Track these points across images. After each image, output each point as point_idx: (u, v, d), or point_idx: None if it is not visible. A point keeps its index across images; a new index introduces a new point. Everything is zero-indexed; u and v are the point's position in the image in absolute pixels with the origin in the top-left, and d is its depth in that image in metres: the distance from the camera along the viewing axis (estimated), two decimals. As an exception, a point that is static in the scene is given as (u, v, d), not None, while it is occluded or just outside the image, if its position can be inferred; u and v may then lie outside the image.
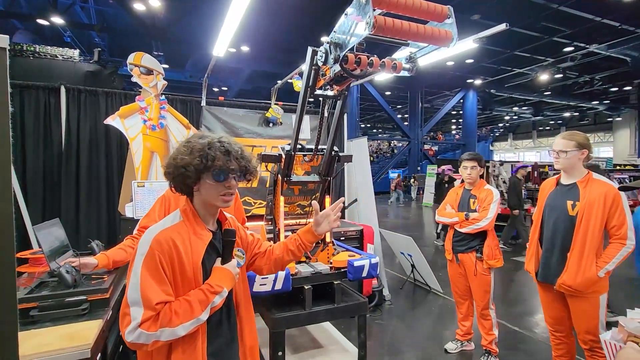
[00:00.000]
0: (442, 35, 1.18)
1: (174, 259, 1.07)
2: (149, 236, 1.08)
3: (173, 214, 1.19)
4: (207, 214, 1.24)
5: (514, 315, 3.79)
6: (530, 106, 23.82)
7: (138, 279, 1.01)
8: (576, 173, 2.13)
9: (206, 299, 1.09)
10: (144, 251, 1.04)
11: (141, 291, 1.00)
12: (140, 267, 1.02)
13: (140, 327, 0.97)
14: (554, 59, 14.25)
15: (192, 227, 1.16)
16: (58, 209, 3.14)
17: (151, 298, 1.00)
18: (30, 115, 3.10)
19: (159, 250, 1.05)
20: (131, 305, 0.99)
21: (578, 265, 2.01)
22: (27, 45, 8.66)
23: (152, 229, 1.12)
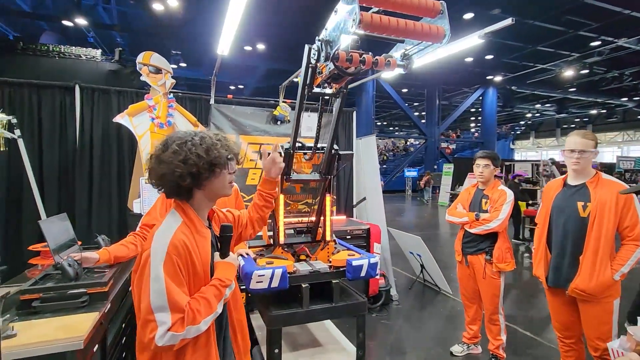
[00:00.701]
0: (433, 31, 1.14)
1: (188, 261, 1.10)
2: (163, 241, 1.08)
3: (171, 215, 1.18)
4: (205, 211, 1.28)
5: (526, 319, 3.68)
6: (554, 103, 22.96)
7: (163, 286, 1.02)
8: (585, 173, 2.04)
9: (219, 293, 1.16)
10: (162, 257, 1.05)
11: (168, 297, 1.01)
12: (163, 273, 1.03)
13: (169, 330, 1.00)
14: (580, 54, 13.67)
15: (195, 227, 1.19)
16: (72, 203, 3.26)
17: (179, 301, 1.03)
18: (46, 113, 3.22)
19: (176, 255, 1.07)
20: (156, 312, 1.00)
21: (592, 269, 1.93)
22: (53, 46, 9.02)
23: (162, 233, 1.11)
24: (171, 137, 1.20)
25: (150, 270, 1.03)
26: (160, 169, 1.14)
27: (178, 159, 1.13)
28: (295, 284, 1.95)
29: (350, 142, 4.49)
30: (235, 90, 19.94)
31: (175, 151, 1.14)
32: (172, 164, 1.13)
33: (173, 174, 1.13)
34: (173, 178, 1.13)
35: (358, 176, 4.52)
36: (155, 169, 1.16)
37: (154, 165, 1.16)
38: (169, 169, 1.13)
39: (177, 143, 1.16)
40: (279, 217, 2.16)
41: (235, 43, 4.57)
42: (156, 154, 1.17)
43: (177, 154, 1.14)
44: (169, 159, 1.13)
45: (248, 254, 2.13)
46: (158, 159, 1.15)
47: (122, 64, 7.97)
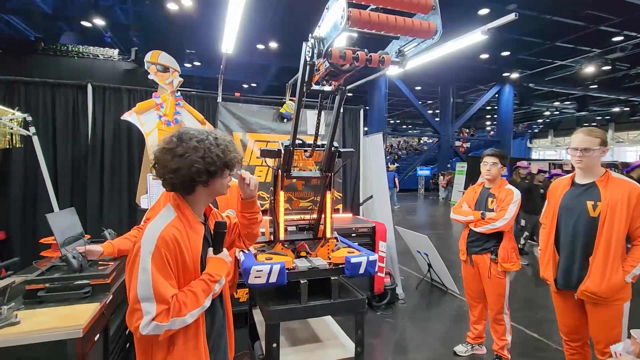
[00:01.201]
0: (424, 27, 1.13)
1: (177, 254, 1.13)
2: (152, 234, 1.10)
3: (166, 210, 1.21)
4: (202, 207, 1.31)
5: (533, 321, 3.60)
6: (574, 101, 22.23)
7: (149, 277, 1.05)
8: (594, 172, 1.97)
9: (208, 287, 1.18)
10: (150, 249, 1.07)
11: (154, 288, 1.05)
12: (150, 265, 1.06)
13: (154, 320, 1.04)
14: (601, 50, 13.19)
15: (188, 222, 1.21)
16: (84, 198, 3.37)
17: (164, 293, 1.06)
18: (60, 111, 3.33)
19: (165, 248, 1.09)
20: (142, 302, 1.04)
21: (602, 271, 1.87)
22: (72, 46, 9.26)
23: (153, 226, 1.13)
24: (186, 133, 1.21)
25: (139, 261, 1.06)
26: (175, 162, 1.15)
27: (198, 155, 1.16)
28: (294, 280, 1.97)
29: (357, 140, 4.48)
30: (247, 88, 20.10)
31: (195, 147, 1.17)
32: (190, 159, 1.15)
33: (189, 169, 1.15)
34: (189, 173, 1.15)
35: (365, 174, 4.51)
36: (168, 161, 1.16)
37: (167, 157, 1.16)
38: (185, 164, 1.15)
39: (197, 139, 1.19)
40: (279, 214, 2.18)
41: (247, 42, 4.51)
42: (170, 147, 1.17)
43: (197, 150, 1.16)
44: (187, 154, 1.15)
45: (249, 250, 2.16)
46: (173, 152, 1.16)
47: (138, 64, 8.15)
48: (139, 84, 3.62)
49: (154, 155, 1.21)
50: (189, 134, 1.20)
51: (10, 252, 3.14)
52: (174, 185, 1.20)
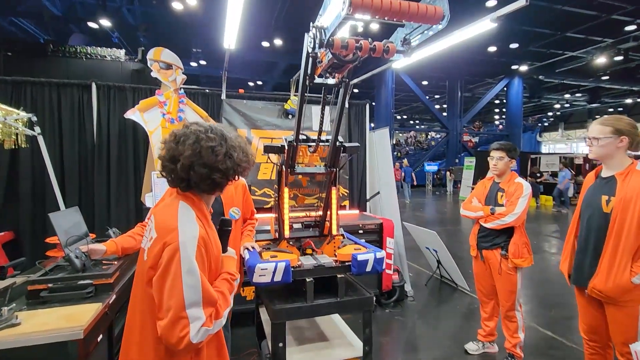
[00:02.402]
0: (430, 12, 1.07)
1: (210, 255, 1.09)
2: (191, 233, 1.03)
3: (184, 208, 1.10)
4: (209, 204, 1.26)
5: (548, 319, 3.51)
6: (585, 92, 21.76)
7: (198, 279, 0.99)
8: (616, 164, 1.86)
9: (231, 286, 1.17)
10: (193, 249, 1.01)
11: (203, 291, 0.99)
12: (197, 267, 1.00)
13: (203, 325, 0.98)
14: (614, 40, 12.85)
15: (206, 219, 1.16)
16: (91, 197, 3.38)
17: (213, 295, 1.02)
18: (66, 110, 3.34)
19: (204, 248, 1.05)
20: (189, 308, 0.96)
21: (609, 269, 1.79)
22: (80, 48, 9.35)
23: (187, 225, 1.05)
24: (217, 127, 1.16)
25: (181, 264, 0.98)
26: (223, 162, 1.09)
27: (242, 155, 1.14)
28: (299, 278, 1.93)
29: (363, 135, 4.41)
30: (254, 86, 20.11)
31: (232, 147, 1.13)
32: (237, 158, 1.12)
33: (234, 170, 1.12)
34: (233, 173, 1.13)
35: (372, 170, 4.44)
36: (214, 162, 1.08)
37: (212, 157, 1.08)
38: (233, 164, 1.12)
39: (232, 137, 1.16)
40: (284, 210, 2.13)
41: (253, 39, 4.40)
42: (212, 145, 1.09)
43: (235, 149, 1.13)
44: (235, 153, 1.12)
45: (254, 247, 2.13)
46: (214, 150, 1.09)
47: (145, 64, 8.20)
48: (146, 83, 3.61)
49: (188, 154, 1.07)
50: (221, 129, 1.15)
51: (19, 252, 3.17)
52: (216, 185, 1.13)
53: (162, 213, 1.12)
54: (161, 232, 1.05)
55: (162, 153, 1.14)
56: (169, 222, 1.06)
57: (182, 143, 1.09)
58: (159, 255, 1.01)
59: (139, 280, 1.10)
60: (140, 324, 1.07)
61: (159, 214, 1.14)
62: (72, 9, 11.57)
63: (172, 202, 1.14)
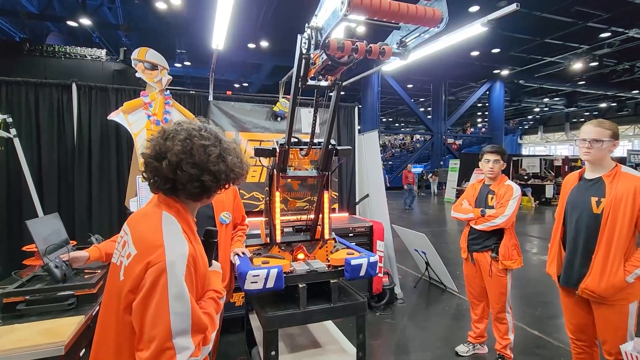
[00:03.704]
0: (429, 14, 1.06)
1: (198, 273, 0.97)
2: (179, 251, 0.91)
3: (168, 220, 0.98)
4: (194, 214, 1.14)
5: (534, 318, 3.57)
6: (563, 97, 22.54)
7: (188, 305, 0.87)
8: (603, 166, 1.91)
9: (218, 306, 1.05)
10: (182, 270, 0.89)
11: (193, 317, 0.88)
12: (187, 291, 0.88)
13: (192, 356, 0.86)
14: (589, 46, 13.36)
15: (192, 232, 1.04)
16: (71, 202, 3.24)
17: (202, 321, 0.91)
18: (44, 111, 3.20)
19: (193, 267, 0.93)
20: (175, 337, 0.85)
21: (603, 269, 1.81)
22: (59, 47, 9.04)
23: (174, 242, 0.93)
24: (211, 129, 1.06)
25: (168, 288, 0.86)
26: (215, 163, 0.99)
27: (237, 160, 1.05)
28: (292, 284, 1.89)
29: (352, 138, 4.40)
30: (240, 87, 19.93)
31: (227, 149, 1.04)
32: (232, 162, 1.02)
33: (228, 174, 1.02)
34: (226, 178, 1.02)
35: (361, 173, 4.44)
36: (205, 163, 0.98)
37: (204, 157, 0.97)
38: (226, 167, 1.01)
39: (230, 141, 1.08)
40: (275, 215, 2.09)
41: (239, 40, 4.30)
42: (207, 143, 0.99)
43: (229, 152, 1.04)
44: (229, 155, 1.02)
45: (244, 253, 2.08)
46: (207, 150, 0.98)
47: (127, 64, 8.01)
48: (128, 84, 3.49)
49: (177, 151, 0.96)
50: (215, 131, 1.05)
51: (-7, 261, 3.01)
52: (204, 189, 1.00)
53: (142, 224, 0.99)
54: (142, 248, 0.92)
55: (147, 151, 1.01)
56: (151, 237, 0.93)
57: (171, 139, 0.97)
58: (140, 276, 0.88)
59: (113, 303, 0.95)
60: (115, 356, 0.94)
61: (137, 224, 1.01)
62: (49, 7, 11.18)
63: (153, 211, 1.00)
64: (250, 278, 1.74)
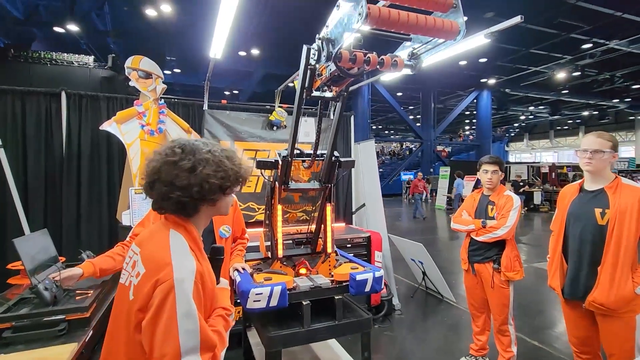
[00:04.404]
0: (447, 27, 1.03)
1: (206, 290, 0.97)
2: (187, 268, 0.92)
3: (174, 236, 0.99)
4: (202, 230, 1.13)
5: (533, 328, 3.55)
6: (547, 105, 23.14)
7: (197, 323, 0.87)
8: (604, 177, 1.91)
9: (227, 324, 1.05)
10: (190, 288, 0.89)
11: (202, 335, 0.88)
12: (195, 309, 0.88)
13: None
14: (572, 57, 13.77)
15: (199, 250, 1.03)
16: (59, 214, 3.10)
17: (211, 339, 0.90)
18: (31, 120, 3.07)
19: (202, 284, 0.93)
20: (185, 355, 0.85)
21: (611, 281, 1.80)
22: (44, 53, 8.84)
23: (181, 259, 0.93)
24: (189, 143, 1.04)
25: (176, 305, 0.86)
26: (183, 177, 0.97)
27: (211, 169, 1.00)
28: (295, 301, 1.82)
29: (348, 147, 4.38)
30: (230, 95, 19.83)
31: (207, 159, 1.00)
32: (204, 173, 0.98)
33: (202, 185, 0.98)
34: (201, 190, 0.98)
35: (357, 182, 4.40)
36: (174, 177, 0.97)
37: (173, 172, 0.97)
38: (197, 179, 0.98)
39: (207, 150, 1.03)
40: (277, 229, 2.02)
41: (230, 48, 4.23)
42: (173, 159, 0.99)
43: (209, 162, 1.00)
44: (199, 166, 0.99)
45: (244, 269, 2.00)
46: (179, 166, 0.98)
47: (115, 71, 7.87)
48: (116, 92, 3.39)
49: (149, 172, 1.01)
50: (194, 145, 1.03)
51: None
52: (182, 206, 1.00)
53: (150, 243, 1.00)
54: (151, 266, 0.92)
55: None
56: (160, 256, 0.93)
57: (148, 161, 1.03)
58: (149, 295, 0.88)
59: (122, 323, 0.95)
60: None
61: (146, 243, 1.01)
62: (35, 13, 10.94)
63: (161, 230, 1.01)
64: (253, 297, 1.67)
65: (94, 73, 8.59)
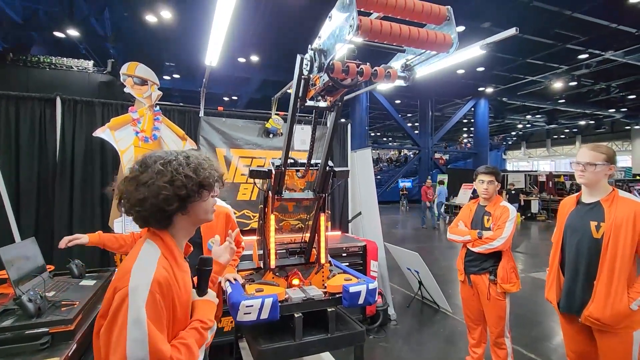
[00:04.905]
0: (440, 39, 1.02)
1: (170, 301, 0.97)
2: (145, 277, 0.92)
3: (148, 245, 1.03)
4: (184, 240, 1.14)
5: (529, 340, 3.52)
6: (544, 114, 23.30)
7: (145, 332, 0.86)
8: (600, 190, 1.90)
9: (201, 337, 1.02)
10: (144, 296, 0.89)
11: (151, 346, 0.86)
12: (145, 317, 0.87)
13: None
14: (568, 67, 13.90)
15: (174, 259, 1.05)
16: (51, 222, 3.06)
17: (163, 351, 0.88)
18: (25, 126, 3.04)
19: (160, 294, 0.92)
20: None
21: (607, 296, 1.77)
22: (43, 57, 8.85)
23: (142, 267, 0.95)
24: (150, 157, 1.07)
25: (128, 313, 0.86)
26: (139, 192, 1.00)
27: (164, 180, 1.00)
28: (287, 313, 1.79)
29: (345, 156, 4.36)
30: (229, 101, 19.86)
31: (160, 171, 1.01)
32: (155, 185, 0.99)
33: (157, 197, 0.99)
34: (157, 202, 0.99)
35: (353, 190, 4.38)
36: (132, 192, 1.01)
37: (131, 188, 1.01)
38: (152, 192, 0.99)
39: (161, 162, 1.04)
40: (270, 240, 1.99)
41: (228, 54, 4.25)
42: (133, 175, 1.04)
43: (162, 174, 1.01)
44: (152, 180, 1.00)
45: (236, 280, 1.96)
46: (136, 180, 1.02)
47: (115, 76, 7.88)
48: (115, 97, 3.38)
49: (118, 190, 1.05)
50: (153, 157, 1.05)
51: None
52: (146, 219, 1.03)
53: (129, 253, 1.05)
54: (117, 274, 0.98)
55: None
56: (126, 264, 0.97)
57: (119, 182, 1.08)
58: (109, 301, 0.91)
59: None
60: None
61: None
62: (35, 17, 10.96)
63: (140, 240, 1.07)
64: (244, 309, 1.64)
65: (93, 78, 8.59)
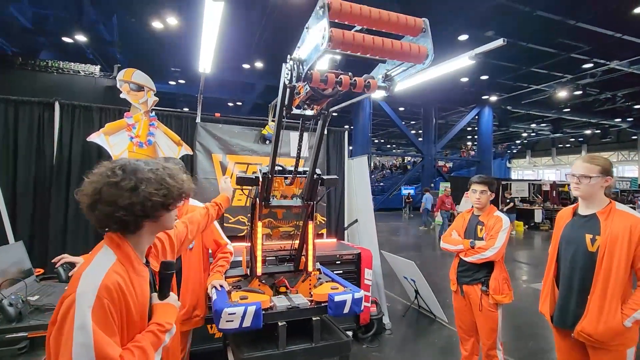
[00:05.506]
0: (414, 51, 1.02)
1: (122, 306, 0.98)
2: (92, 283, 0.93)
3: (103, 252, 1.04)
4: (146, 245, 1.17)
5: (526, 352, 3.46)
6: (549, 123, 23.16)
7: (90, 337, 0.86)
8: (596, 202, 1.86)
9: (158, 340, 1.03)
10: (90, 302, 0.89)
11: (96, 350, 0.87)
12: (91, 321, 0.88)
13: None
14: (573, 76, 13.84)
15: (131, 265, 1.06)
16: (47, 223, 3.08)
17: (111, 355, 0.89)
18: (23, 129, 3.08)
19: (108, 299, 0.93)
20: None
21: (600, 311, 1.73)
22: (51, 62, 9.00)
23: (91, 273, 0.96)
24: (130, 163, 1.08)
25: (74, 318, 0.87)
26: (125, 197, 1.01)
27: (153, 187, 1.04)
28: (271, 322, 1.78)
29: (341, 163, 4.36)
30: (233, 106, 20.03)
31: (149, 179, 1.04)
32: (146, 192, 1.02)
33: (144, 204, 1.02)
34: (144, 208, 1.02)
35: (350, 197, 4.37)
36: (117, 197, 1.00)
37: (115, 192, 1.01)
38: (140, 198, 1.02)
39: (150, 169, 1.07)
40: (257, 246, 1.99)
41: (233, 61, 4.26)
42: (115, 180, 1.03)
43: (150, 181, 1.04)
44: (142, 186, 1.02)
45: (222, 286, 1.96)
46: (120, 186, 1.02)
47: (121, 80, 7.95)
48: (120, 101, 3.41)
49: (89, 193, 1.03)
50: (135, 164, 1.07)
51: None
52: (125, 224, 1.04)
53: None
54: (70, 282, 0.98)
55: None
56: (79, 270, 0.99)
57: (86, 184, 1.06)
58: (58, 307, 0.93)
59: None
60: None
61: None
62: (44, 22, 11.18)
63: (97, 247, 1.08)
64: (226, 317, 1.63)
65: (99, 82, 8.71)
